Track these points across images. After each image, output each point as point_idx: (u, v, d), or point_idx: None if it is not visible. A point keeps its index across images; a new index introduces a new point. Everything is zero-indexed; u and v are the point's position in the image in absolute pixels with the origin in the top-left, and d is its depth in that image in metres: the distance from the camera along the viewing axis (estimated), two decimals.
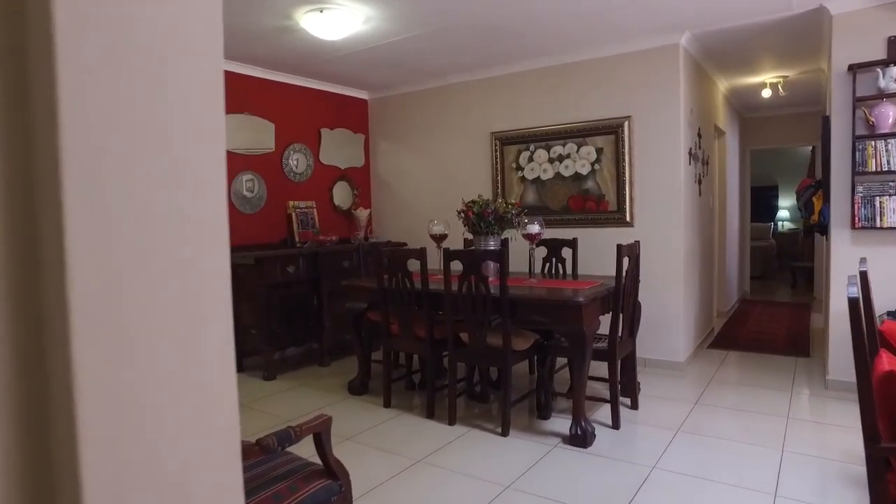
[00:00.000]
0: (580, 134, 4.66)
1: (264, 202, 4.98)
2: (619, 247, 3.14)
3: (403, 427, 3.38)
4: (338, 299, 4.63)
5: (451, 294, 3.29)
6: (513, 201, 3.82)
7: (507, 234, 4.12)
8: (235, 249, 4.69)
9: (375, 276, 3.68)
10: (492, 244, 3.74)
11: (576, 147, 4.70)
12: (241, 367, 4.73)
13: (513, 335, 3.22)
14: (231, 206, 4.71)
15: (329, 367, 4.81)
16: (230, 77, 4.69)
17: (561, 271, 4.15)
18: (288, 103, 5.19)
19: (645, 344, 4.36)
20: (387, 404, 3.73)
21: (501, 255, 3.13)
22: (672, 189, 4.30)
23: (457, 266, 3.25)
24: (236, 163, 4.76)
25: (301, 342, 4.79)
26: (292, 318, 4.69)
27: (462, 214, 3.80)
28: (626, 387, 3.57)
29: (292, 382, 4.36)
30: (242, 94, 4.78)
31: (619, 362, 3.27)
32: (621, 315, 3.23)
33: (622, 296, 3.20)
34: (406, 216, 5.81)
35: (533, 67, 4.85)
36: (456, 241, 4.68)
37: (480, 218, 3.72)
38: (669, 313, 4.35)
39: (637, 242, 3.40)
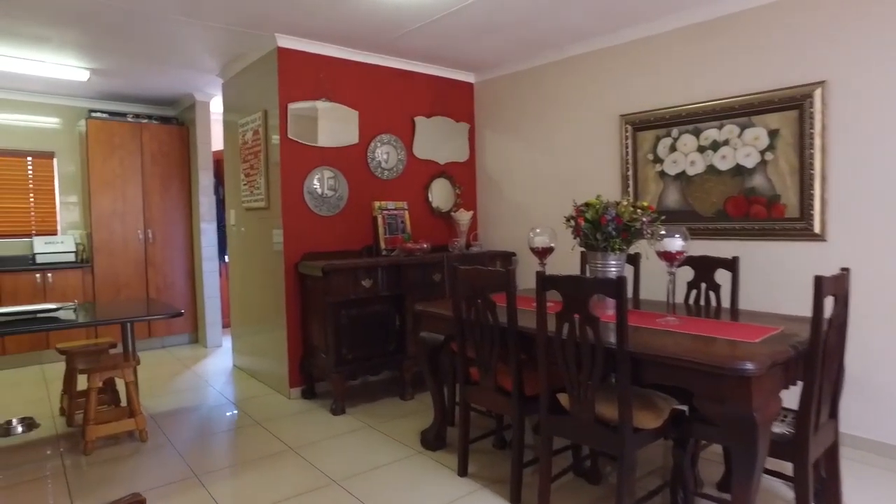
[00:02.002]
0: (744, 111, 3.38)
1: (345, 202, 4.29)
2: (818, 281, 1.94)
3: None
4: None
5: (546, 337, 2.29)
6: (644, 204, 2.72)
7: (637, 247, 3.03)
8: (308, 257, 4.06)
9: (452, 302, 2.78)
10: (612, 264, 2.68)
11: (737, 130, 3.43)
12: (312, 394, 4.08)
13: (635, 406, 2.15)
14: (304, 206, 4.08)
15: (412, 400, 4.01)
16: (299, 57, 4.04)
17: (714, 304, 2.95)
18: (374, 88, 4.45)
19: (844, 415, 3.01)
20: (462, 472, 2.82)
21: (620, 288, 2.07)
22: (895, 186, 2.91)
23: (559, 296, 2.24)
24: (311, 156, 4.11)
25: (378, 370, 4.03)
26: (368, 341, 3.94)
27: (572, 222, 2.78)
28: (821, 491, 2.33)
29: (361, 421, 3.61)
30: (317, 78, 4.12)
31: (811, 461, 2.07)
32: (820, 388, 2.02)
33: (822, 357, 2.00)
34: (516, 220, 4.84)
35: (675, 26, 3.64)
36: (570, 258, 3.65)
37: (596, 227, 2.68)
38: (886, 372, 2.95)
39: (846, 273, 2.16)
